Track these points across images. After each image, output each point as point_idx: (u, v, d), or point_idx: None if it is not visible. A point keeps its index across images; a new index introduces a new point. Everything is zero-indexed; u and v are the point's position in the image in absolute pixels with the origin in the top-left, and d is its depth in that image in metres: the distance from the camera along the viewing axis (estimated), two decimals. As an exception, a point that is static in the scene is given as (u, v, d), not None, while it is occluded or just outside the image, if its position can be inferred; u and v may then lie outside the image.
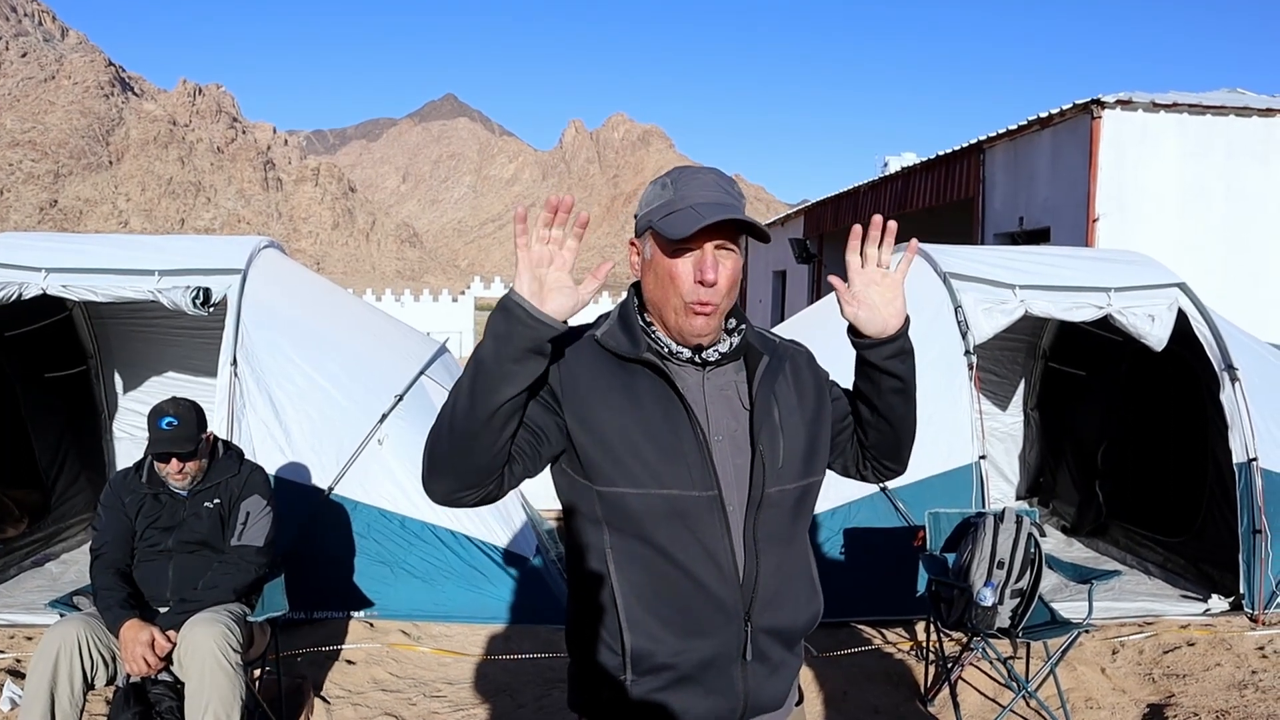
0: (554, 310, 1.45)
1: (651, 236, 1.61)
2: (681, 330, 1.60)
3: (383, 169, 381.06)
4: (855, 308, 1.70)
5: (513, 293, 1.46)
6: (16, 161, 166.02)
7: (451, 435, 1.49)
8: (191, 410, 3.54)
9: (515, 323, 1.44)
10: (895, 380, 1.72)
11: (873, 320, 1.69)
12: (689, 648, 1.58)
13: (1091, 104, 11.29)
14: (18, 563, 5.76)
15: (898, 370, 1.71)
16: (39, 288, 5.08)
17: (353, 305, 6.72)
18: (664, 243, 1.58)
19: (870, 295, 1.70)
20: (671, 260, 1.57)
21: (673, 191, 1.60)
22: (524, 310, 1.44)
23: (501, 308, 1.46)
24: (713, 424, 1.61)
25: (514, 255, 1.47)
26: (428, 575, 4.98)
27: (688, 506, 1.56)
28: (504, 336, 1.44)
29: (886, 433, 1.78)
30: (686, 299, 1.57)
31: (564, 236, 1.48)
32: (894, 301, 1.70)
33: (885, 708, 4.24)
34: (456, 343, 14.26)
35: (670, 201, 1.59)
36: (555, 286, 1.46)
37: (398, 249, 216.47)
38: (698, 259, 1.56)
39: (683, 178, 1.62)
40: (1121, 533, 6.54)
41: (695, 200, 1.57)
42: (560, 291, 1.46)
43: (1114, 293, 5.55)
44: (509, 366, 1.45)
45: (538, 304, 1.45)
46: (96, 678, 3.21)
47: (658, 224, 1.58)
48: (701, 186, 1.59)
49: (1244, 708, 4.13)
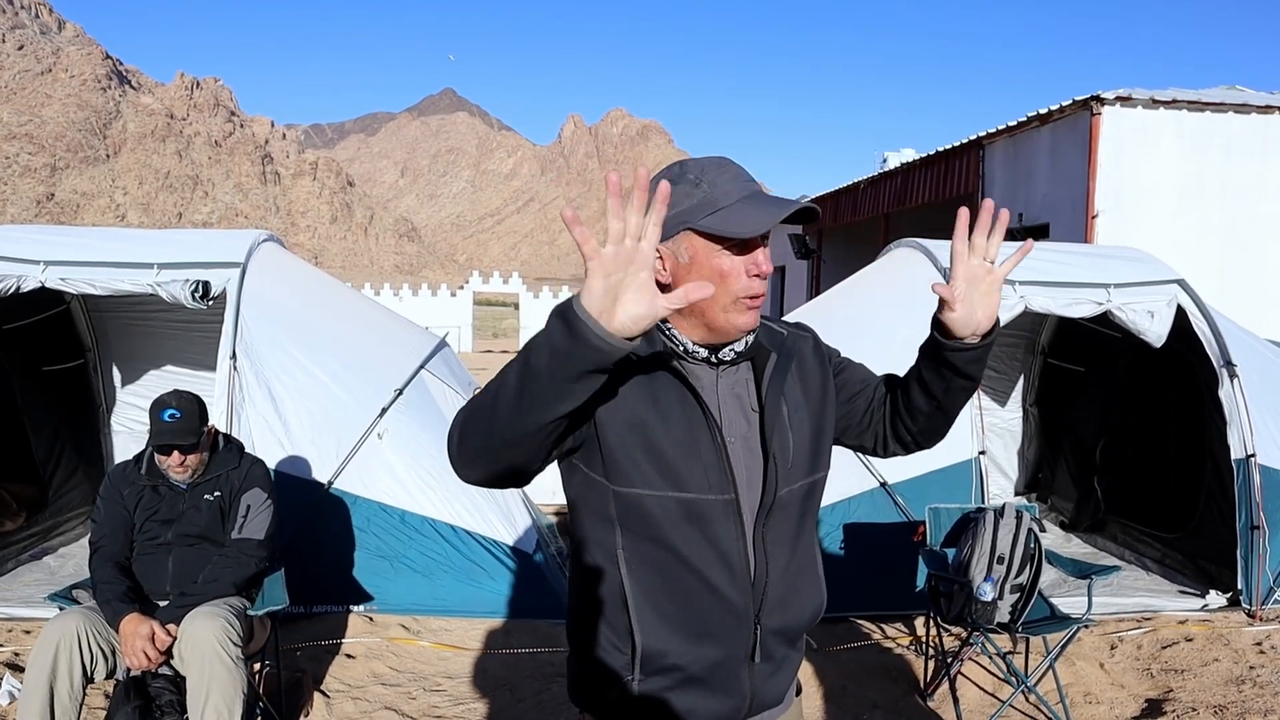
0: (627, 321, 1.21)
1: (691, 237, 1.51)
2: (733, 326, 1.54)
3: (381, 163, 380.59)
4: (956, 310, 1.57)
5: (578, 302, 1.21)
6: (13, 155, 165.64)
7: (490, 434, 1.36)
8: (194, 403, 3.53)
9: (579, 342, 1.21)
10: (969, 381, 1.66)
11: (967, 322, 1.58)
12: (699, 650, 1.56)
13: (1091, 101, 11.29)
14: (15, 556, 5.76)
15: (975, 373, 1.64)
16: (37, 281, 5.06)
17: (352, 299, 6.71)
18: (715, 241, 1.51)
19: (970, 293, 1.58)
20: (726, 258, 1.51)
21: (707, 188, 1.51)
22: (589, 330, 1.20)
23: (563, 318, 1.22)
24: (727, 426, 1.58)
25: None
26: (427, 570, 4.98)
27: (704, 510, 1.54)
28: (563, 354, 1.23)
29: (939, 421, 1.74)
30: (740, 294, 1.52)
31: (644, 224, 1.21)
32: (991, 301, 1.59)
33: (884, 702, 4.25)
34: (455, 337, 14.27)
35: (710, 199, 1.50)
36: (632, 289, 1.21)
37: (396, 243, 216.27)
38: (750, 255, 1.52)
39: (709, 172, 1.53)
40: (1120, 528, 6.55)
41: (741, 193, 1.51)
42: (637, 296, 1.21)
43: (1113, 289, 5.55)
44: (566, 385, 1.26)
45: (608, 319, 1.21)
46: (96, 671, 3.20)
47: (704, 223, 1.50)
48: (735, 179, 1.53)
49: (1241, 703, 4.14)
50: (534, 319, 36.09)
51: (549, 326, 1.25)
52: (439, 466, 5.12)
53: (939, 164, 15.17)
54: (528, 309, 36.96)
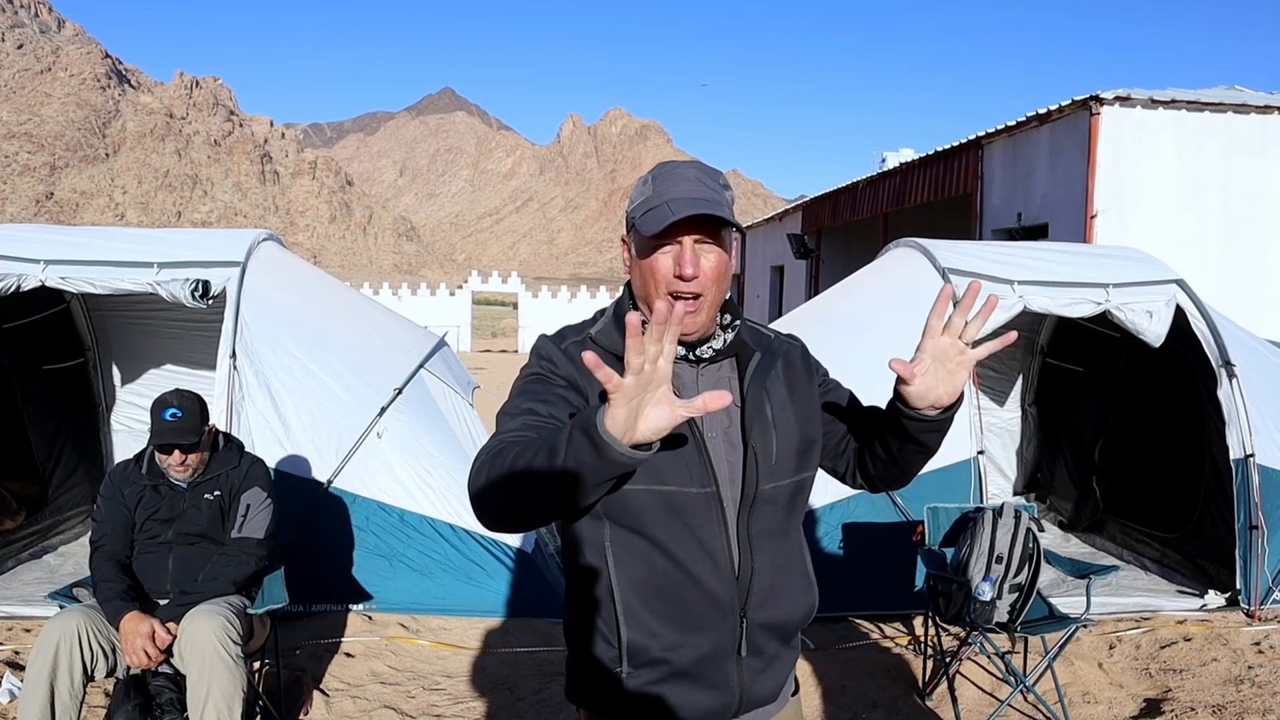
0: (649, 433, 1.24)
1: (636, 232, 1.62)
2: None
3: (380, 163, 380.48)
4: (912, 385, 1.55)
5: (602, 425, 1.24)
6: (12, 154, 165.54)
7: (507, 510, 1.41)
8: (195, 402, 3.54)
9: (603, 460, 1.25)
10: (923, 449, 1.66)
11: (924, 397, 1.56)
12: (685, 642, 1.59)
13: (1090, 100, 11.30)
14: (15, 555, 5.76)
15: (930, 443, 1.64)
16: (38, 280, 5.07)
17: (352, 299, 6.71)
18: (643, 239, 1.59)
19: (935, 369, 1.56)
20: (651, 256, 1.58)
21: (652, 188, 1.60)
22: (613, 450, 1.24)
23: (588, 437, 1.26)
24: (707, 421, 1.61)
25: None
26: (426, 569, 4.98)
27: (686, 503, 1.57)
28: (589, 468, 1.28)
29: (895, 474, 1.75)
30: (667, 290, 1.57)
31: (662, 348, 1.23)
32: (956, 379, 1.56)
33: (883, 702, 4.25)
34: (454, 336, 14.27)
35: (650, 198, 1.59)
36: (652, 405, 1.24)
37: (395, 242, 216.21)
38: (677, 254, 1.57)
39: (662, 173, 1.62)
40: (1118, 528, 6.56)
41: (671, 196, 1.57)
42: (657, 411, 1.24)
43: (1112, 288, 5.56)
44: (587, 490, 1.33)
45: (630, 437, 1.24)
46: (96, 669, 3.21)
47: (638, 221, 1.60)
48: (680, 181, 1.59)
49: (1240, 702, 4.15)
50: (532, 318, 36.08)
51: (574, 441, 1.27)
52: (438, 466, 5.13)
53: (938, 164, 15.18)
54: (526, 308, 36.93)
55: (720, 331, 1.66)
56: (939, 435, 1.63)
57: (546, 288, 38.74)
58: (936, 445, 1.66)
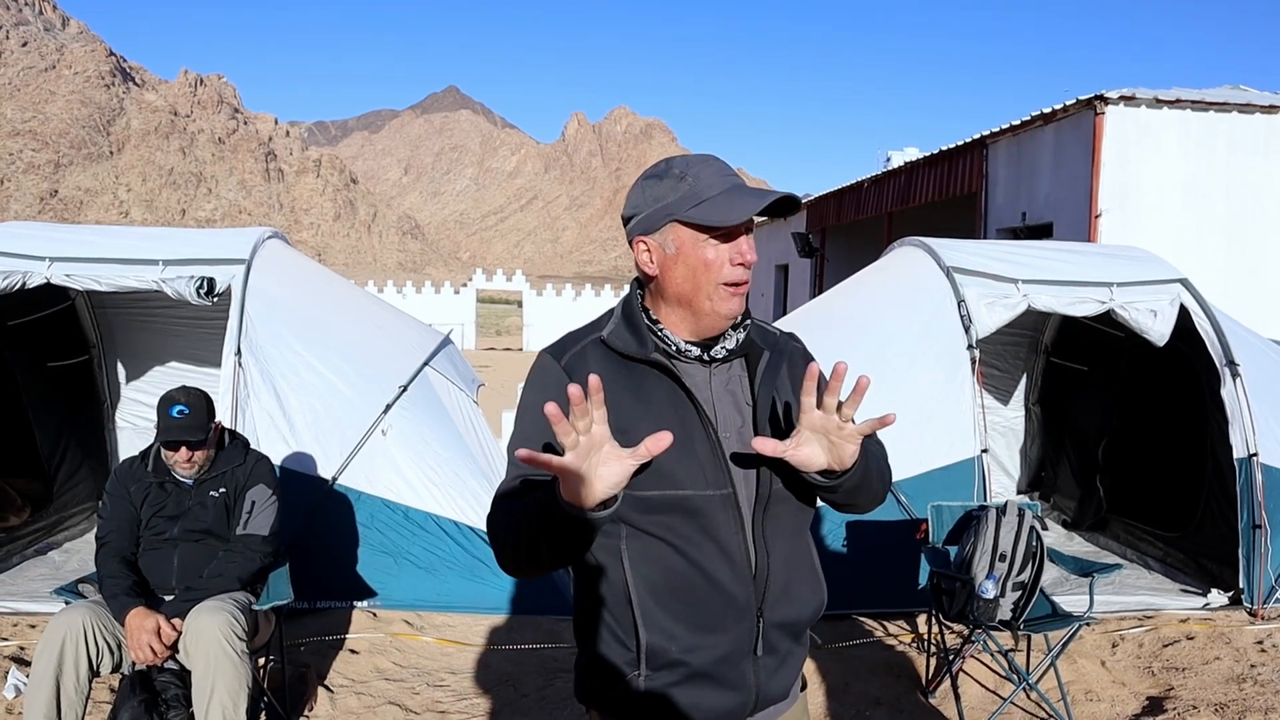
0: (606, 490, 1.34)
1: (677, 228, 1.58)
2: (717, 312, 1.59)
3: (384, 161, 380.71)
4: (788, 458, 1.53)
5: (561, 499, 1.35)
6: (17, 151, 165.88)
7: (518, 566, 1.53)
8: (202, 399, 3.55)
9: (572, 520, 1.36)
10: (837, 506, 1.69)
11: (809, 464, 1.54)
12: (703, 644, 1.58)
13: (1094, 100, 11.29)
14: (20, 551, 5.78)
15: (837, 500, 1.66)
16: (43, 277, 5.08)
17: (356, 296, 6.73)
18: (699, 231, 1.57)
19: (814, 439, 1.53)
20: (710, 247, 1.57)
21: (691, 182, 1.57)
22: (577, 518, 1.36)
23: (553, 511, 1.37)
24: (721, 422, 1.61)
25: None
26: (431, 566, 4.99)
27: (703, 505, 1.56)
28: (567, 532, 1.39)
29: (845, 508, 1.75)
30: (724, 280, 1.57)
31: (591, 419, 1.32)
32: (844, 450, 1.53)
33: (887, 699, 4.26)
34: (459, 334, 14.28)
35: (694, 191, 1.56)
36: (601, 466, 1.34)
37: (399, 241, 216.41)
38: (733, 244, 1.58)
39: (693, 167, 1.60)
40: (1122, 527, 6.56)
41: (724, 185, 1.57)
42: (607, 470, 1.34)
43: (1116, 288, 5.56)
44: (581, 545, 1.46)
45: (589, 500, 1.33)
46: (102, 665, 3.22)
47: (689, 214, 1.56)
48: (718, 173, 1.59)
49: (1242, 701, 4.15)
50: (537, 316, 36.09)
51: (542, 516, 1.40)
52: (443, 463, 5.14)
53: (942, 163, 15.16)
54: (531, 306, 36.94)
55: (732, 331, 1.65)
56: (851, 495, 1.63)
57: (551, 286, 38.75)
58: (849, 502, 1.66)
